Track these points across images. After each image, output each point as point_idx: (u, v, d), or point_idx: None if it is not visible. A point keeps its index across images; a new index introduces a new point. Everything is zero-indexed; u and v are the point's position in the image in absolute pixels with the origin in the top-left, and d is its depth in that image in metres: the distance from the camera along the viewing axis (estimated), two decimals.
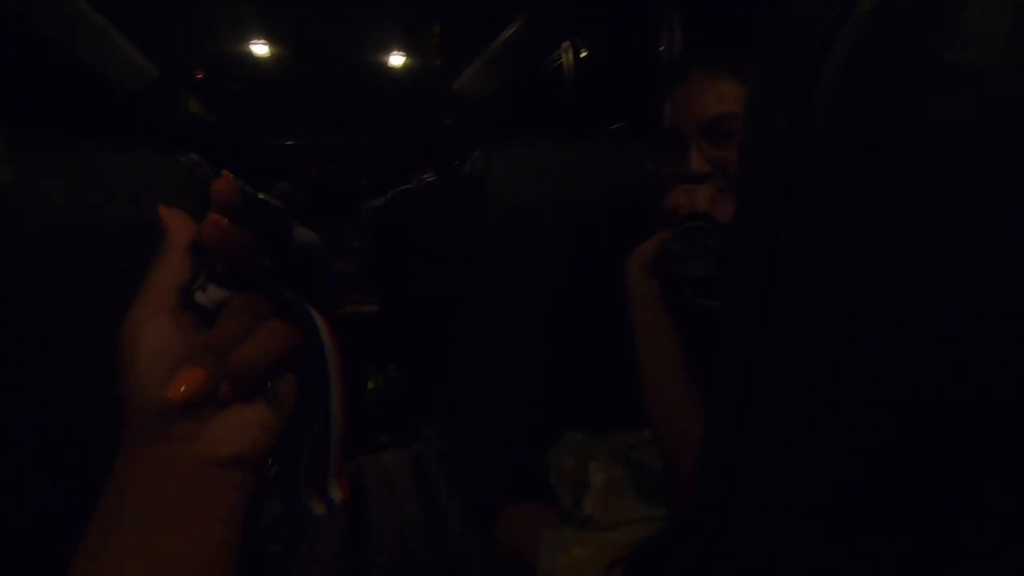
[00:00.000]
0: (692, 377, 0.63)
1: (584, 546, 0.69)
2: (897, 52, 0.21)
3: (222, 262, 0.26)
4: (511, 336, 1.00)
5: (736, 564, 0.31)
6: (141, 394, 0.24)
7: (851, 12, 0.22)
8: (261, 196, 1.27)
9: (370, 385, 2.52)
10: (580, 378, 0.92)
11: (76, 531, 0.24)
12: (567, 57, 2.59)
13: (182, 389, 0.23)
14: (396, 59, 3.51)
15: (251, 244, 0.26)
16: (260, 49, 3.29)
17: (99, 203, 0.81)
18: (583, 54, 2.52)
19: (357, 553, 0.84)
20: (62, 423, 0.47)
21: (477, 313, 0.99)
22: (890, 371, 0.22)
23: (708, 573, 0.33)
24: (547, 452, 0.87)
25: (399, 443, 1.99)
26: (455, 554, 0.91)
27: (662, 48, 1.68)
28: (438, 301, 1.35)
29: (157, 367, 0.24)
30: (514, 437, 1.00)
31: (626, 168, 0.86)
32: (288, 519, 0.28)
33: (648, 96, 1.83)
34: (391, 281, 2.10)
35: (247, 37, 3.15)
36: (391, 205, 2.07)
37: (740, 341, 0.30)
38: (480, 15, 2.71)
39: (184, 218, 0.27)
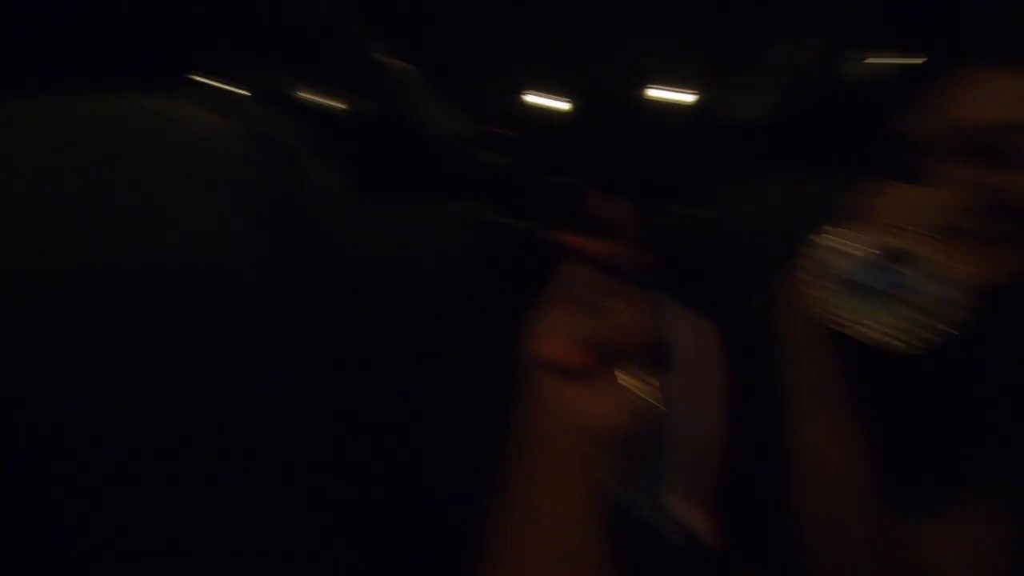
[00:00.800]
0: (857, 450, 0.46)
1: None
2: None
3: (600, 265, 0.31)
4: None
5: None
6: (531, 357, 0.28)
7: None
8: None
9: None
10: None
11: None
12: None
13: (555, 351, 0.25)
14: (655, 92, 3.63)
15: (618, 251, 0.31)
16: (538, 100, 3.78)
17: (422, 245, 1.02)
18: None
19: None
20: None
21: (731, 350, 0.97)
22: None
23: None
24: None
25: None
26: None
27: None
28: None
29: (543, 337, 0.27)
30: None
31: None
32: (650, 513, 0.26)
33: None
34: None
35: (528, 90, 3.65)
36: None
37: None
38: (750, 43, 2.64)
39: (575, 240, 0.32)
